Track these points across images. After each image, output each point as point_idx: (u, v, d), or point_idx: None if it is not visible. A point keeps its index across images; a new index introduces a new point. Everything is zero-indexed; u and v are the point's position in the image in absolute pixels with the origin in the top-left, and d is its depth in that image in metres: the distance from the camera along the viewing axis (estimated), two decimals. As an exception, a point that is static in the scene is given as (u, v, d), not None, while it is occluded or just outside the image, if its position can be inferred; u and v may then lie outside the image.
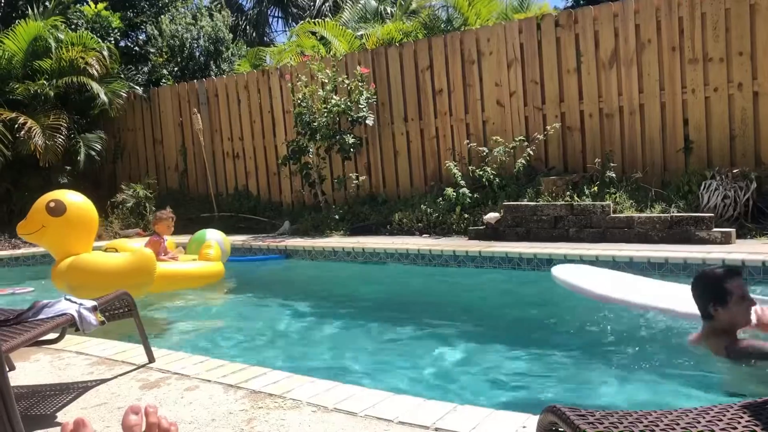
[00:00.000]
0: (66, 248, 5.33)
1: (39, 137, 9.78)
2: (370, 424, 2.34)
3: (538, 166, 8.03)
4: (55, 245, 5.36)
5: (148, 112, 11.62)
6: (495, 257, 6.28)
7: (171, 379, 3.00)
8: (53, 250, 5.45)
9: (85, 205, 5.36)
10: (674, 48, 7.23)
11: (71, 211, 5.19)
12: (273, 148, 10.24)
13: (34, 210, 5.17)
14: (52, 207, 5.11)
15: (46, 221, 5.12)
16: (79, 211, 5.29)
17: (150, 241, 6.27)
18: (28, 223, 5.18)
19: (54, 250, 5.43)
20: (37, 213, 5.13)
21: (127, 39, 13.08)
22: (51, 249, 5.47)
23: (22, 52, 10.45)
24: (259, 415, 2.49)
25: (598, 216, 6.54)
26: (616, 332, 4.07)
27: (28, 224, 5.17)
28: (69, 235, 5.28)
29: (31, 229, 5.17)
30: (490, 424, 2.28)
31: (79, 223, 5.31)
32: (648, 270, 5.44)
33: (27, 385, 3.05)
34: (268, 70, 10.42)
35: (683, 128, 7.28)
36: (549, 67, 7.98)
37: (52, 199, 5.19)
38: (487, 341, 4.06)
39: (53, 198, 5.20)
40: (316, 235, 8.46)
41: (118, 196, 10.43)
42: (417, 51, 8.92)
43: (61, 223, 5.14)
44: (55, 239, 5.27)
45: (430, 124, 8.89)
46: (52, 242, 5.33)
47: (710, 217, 6.11)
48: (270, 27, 21.03)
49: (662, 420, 1.34)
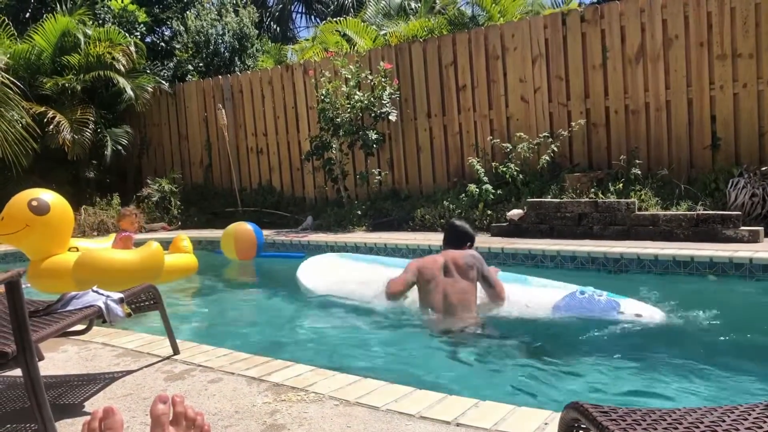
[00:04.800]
0: (47, 248, 5.16)
1: (67, 131, 9.94)
2: (392, 419, 2.35)
3: (563, 162, 7.97)
4: (37, 245, 5.16)
5: (174, 107, 11.73)
6: (518, 254, 6.25)
7: (195, 371, 3.04)
8: (33, 250, 5.24)
9: (65, 204, 5.24)
10: (702, 43, 7.13)
11: (54, 209, 5.05)
12: (296, 144, 10.29)
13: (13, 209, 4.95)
14: (35, 206, 4.93)
15: (30, 220, 4.93)
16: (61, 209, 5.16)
17: (119, 239, 6.12)
18: (7, 223, 4.93)
19: (34, 250, 5.23)
20: (18, 212, 4.92)
21: (153, 34, 13.22)
22: (31, 249, 5.24)
23: (51, 48, 10.62)
24: (281, 408, 2.51)
25: (622, 213, 6.48)
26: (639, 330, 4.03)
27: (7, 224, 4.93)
28: (52, 234, 5.13)
29: (12, 228, 4.94)
30: (512, 420, 2.28)
31: (61, 221, 5.18)
32: (673, 268, 5.39)
33: (55, 375, 3.11)
34: (292, 66, 10.46)
35: (711, 125, 7.18)
36: (574, 62, 7.92)
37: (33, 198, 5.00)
38: (508, 338, 4.05)
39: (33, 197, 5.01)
40: (339, 230, 8.49)
41: (143, 191, 10.56)
42: (441, 46, 8.90)
43: (45, 221, 4.98)
44: (38, 239, 5.08)
45: (453, 119, 8.87)
46: (33, 242, 5.11)
47: (737, 215, 6.02)
48: (293, 22, 21.09)
49: (686, 418, 1.34)
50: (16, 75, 9.94)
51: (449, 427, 2.26)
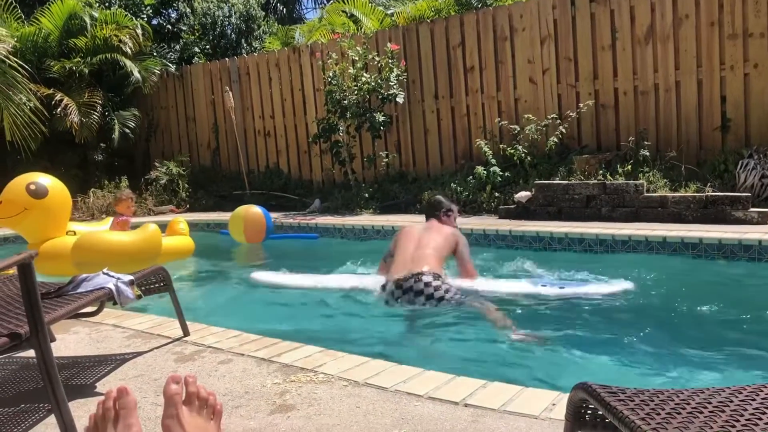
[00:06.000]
0: (45, 231, 5.19)
1: (75, 114, 9.95)
2: (401, 399, 2.37)
3: (571, 144, 7.94)
4: (35, 228, 5.19)
5: (181, 89, 11.72)
6: (526, 236, 6.25)
7: (205, 352, 3.07)
8: (31, 233, 5.27)
9: (62, 188, 5.25)
10: (713, 23, 7.05)
11: (53, 193, 5.08)
12: (303, 126, 10.28)
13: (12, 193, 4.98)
14: (33, 189, 4.96)
15: (29, 204, 4.96)
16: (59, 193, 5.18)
17: (116, 222, 6.19)
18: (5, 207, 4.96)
19: (32, 233, 5.27)
20: (16, 196, 4.95)
21: (160, 17, 13.16)
22: (29, 232, 5.28)
23: (58, 30, 10.61)
24: (291, 389, 2.54)
25: (631, 195, 6.46)
26: (649, 311, 4.04)
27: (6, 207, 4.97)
28: (51, 217, 5.15)
29: (10, 212, 4.98)
30: (520, 401, 2.30)
31: (59, 205, 5.21)
32: (681, 250, 5.37)
33: (67, 356, 3.15)
34: (299, 48, 10.42)
35: (720, 106, 7.12)
36: (583, 43, 7.85)
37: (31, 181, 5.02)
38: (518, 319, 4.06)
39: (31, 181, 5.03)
40: (346, 213, 8.50)
41: (151, 174, 10.58)
42: (449, 27, 8.84)
43: (43, 205, 5.01)
44: (37, 222, 5.11)
45: (461, 101, 8.83)
46: (31, 225, 5.15)
47: (747, 197, 5.99)
48: (300, 3, 20.98)
49: (694, 399, 1.34)
50: (24, 58, 9.94)
51: (457, 407, 2.28)
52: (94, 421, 1.18)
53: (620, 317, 4.02)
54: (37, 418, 2.39)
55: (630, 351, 3.41)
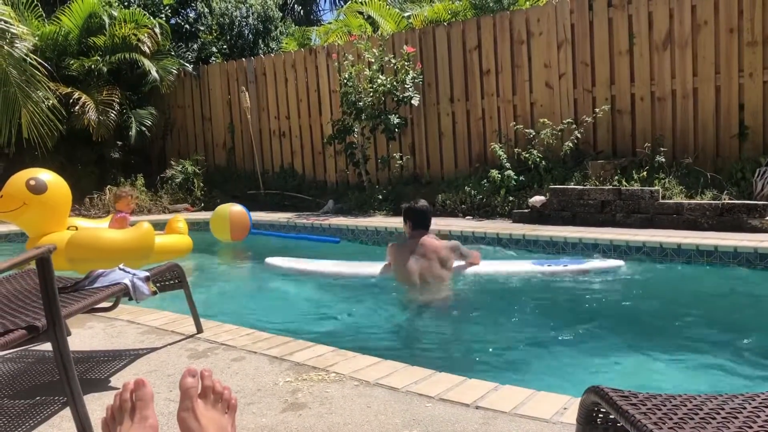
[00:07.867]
0: (45, 226, 5.29)
1: (92, 112, 10.04)
2: (412, 400, 2.38)
3: (586, 149, 7.91)
4: (34, 223, 5.30)
5: (198, 89, 11.79)
6: (539, 241, 6.23)
7: (218, 349, 3.09)
8: (31, 228, 5.39)
9: (62, 184, 5.35)
10: (732, 30, 7.01)
11: (52, 189, 5.19)
12: (318, 127, 10.31)
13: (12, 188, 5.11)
14: (32, 185, 5.08)
15: (28, 199, 5.08)
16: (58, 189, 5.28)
17: (115, 219, 6.23)
18: (5, 201, 5.09)
19: (32, 227, 5.38)
20: (16, 190, 5.08)
21: (178, 16, 13.25)
22: (28, 226, 5.40)
23: (78, 29, 10.71)
24: (303, 387, 2.55)
25: (646, 201, 6.43)
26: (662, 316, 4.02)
27: (6, 202, 5.09)
28: (49, 212, 5.27)
29: (10, 206, 5.10)
30: (532, 404, 2.30)
31: (58, 200, 5.32)
32: (696, 258, 5.34)
33: (82, 351, 3.18)
34: (315, 49, 10.45)
35: (738, 113, 7.07)
36: (600, 48, 7.82)
37: (31, 177, 5.14)
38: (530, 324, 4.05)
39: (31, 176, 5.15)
40: (360, 214, 8.52)
41: (167, 172, 10.66)
42: (465, 31, 8.83)
43: (42, 200, 5.13)
44: (35, 217, 5.23)
45: (476, 105, 8.82)
46: (31, 219, 5.26)
47: (764, 205, 5.94)
48: (317, 5, 21.05)
49: (706, 404, 1.34)
50: (44, 56, 10.06)
51: (468, 409, 2.28)
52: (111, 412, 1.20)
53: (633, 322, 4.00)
54: (52, 411, 2.42)
55: (643, 356, 3.39)
